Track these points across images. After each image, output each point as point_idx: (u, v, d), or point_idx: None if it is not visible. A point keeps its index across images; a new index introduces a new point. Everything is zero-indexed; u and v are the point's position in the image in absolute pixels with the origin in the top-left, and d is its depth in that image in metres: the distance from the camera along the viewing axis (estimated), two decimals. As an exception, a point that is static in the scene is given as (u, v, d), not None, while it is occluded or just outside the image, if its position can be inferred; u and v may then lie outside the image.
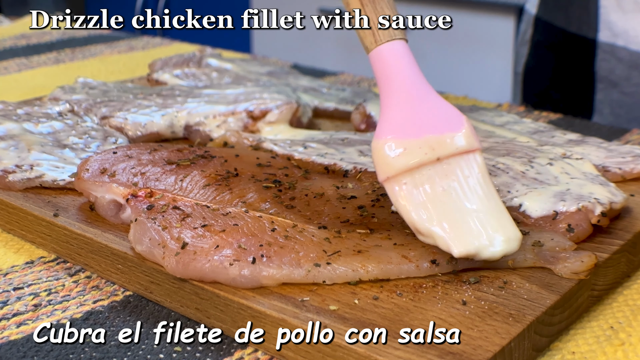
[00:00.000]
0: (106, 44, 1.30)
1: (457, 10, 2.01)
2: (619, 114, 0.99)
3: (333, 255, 0.53)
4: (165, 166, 0.64)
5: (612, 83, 0.98)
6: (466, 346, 0.46)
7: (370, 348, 0.46)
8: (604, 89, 0.99)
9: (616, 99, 0.98)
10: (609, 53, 0.97)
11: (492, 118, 0.79)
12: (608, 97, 0.99)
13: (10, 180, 0.67)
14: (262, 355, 0.50)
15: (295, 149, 0.72)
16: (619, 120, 0.99)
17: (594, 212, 0.58)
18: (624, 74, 0.96)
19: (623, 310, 0.54)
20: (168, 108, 0.82)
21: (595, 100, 1.00)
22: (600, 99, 1.00)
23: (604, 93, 0.99)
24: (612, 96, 0.99)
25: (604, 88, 0.99)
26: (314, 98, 0.89)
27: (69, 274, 0.60)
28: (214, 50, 1.11)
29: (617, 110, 0.98)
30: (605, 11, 0.95)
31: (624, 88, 0.97)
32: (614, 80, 0.98)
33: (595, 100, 1.00)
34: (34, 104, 0.83)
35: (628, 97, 0.97)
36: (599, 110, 1.01)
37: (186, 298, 0.53)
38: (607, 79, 0.98)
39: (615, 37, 0.96)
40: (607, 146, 0.73)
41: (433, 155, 0.52)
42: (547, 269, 0.54)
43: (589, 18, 0.97)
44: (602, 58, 0.98)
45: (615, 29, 0.95)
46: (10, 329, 0.53)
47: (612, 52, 0.97)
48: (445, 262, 0.53)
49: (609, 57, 0.97)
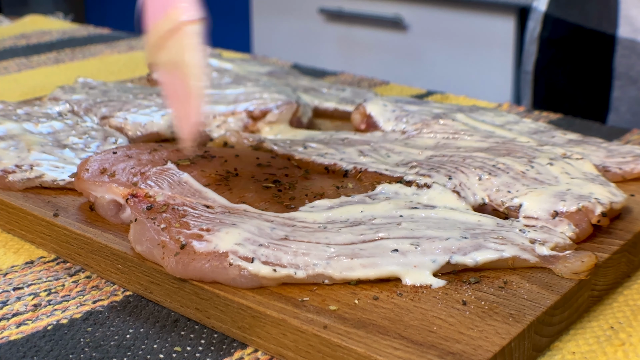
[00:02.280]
0: (106, 44, 1.30)
1: (457, 10, 2.01)
2: (636, 112, 0.98)
3: (333, 256, 0.53)
4: (165, 166, 0.64)
5: (632, 80, 0.97)
6: (466, 346, 0.46)
7: (370, 348, 0.46)
8: (622, 86, 0.98)
9: (634, 96, 0.98)
10: (629, 49, 0.96)
11: (492, 118, 0.79)
12: (626, 94, 0.98)
13: (10, 180, 0.67)
14: (262, 355, 0.50)
15: (295, 149, 0.72)
16: (636, 118, 0.98)
17: (594, 212, 0.58)
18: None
19: (623, 311, 0.54)
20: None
21: (612, 98, 1.00)
22: (617, 96, 0.99)
23: (621, 90, 0.98)
24: (630, 93, 0.98)
25: (622, 85, 0.98)
26: (314, 98, 0.89)
27: (68, 274, 0.60)
28: (214, 50, 1.11)
29: (635, 108, 0.98)
30: (626, 6, 0.95)
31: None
32: (633, 76, 0.97)
33: (612, 98, 1.00)
34: (34, 104, 0.83)
35: None
36: (616, 108, 1.00)
37: (186, 298, 0.53)
38: (626, 76, 0.97)
39: (636, 33, 0.95)
40: (607, 146, 0.73)
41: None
42: (547, 269, 0.54)
43: (609, 13, 0.97)
44: (621, 54, 0.97)
45: (637, 24, 0.94)
46: (10, 329, 0.53)
47: (632, 47, 0.96)
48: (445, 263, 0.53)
49: (629, 53, 0.96)
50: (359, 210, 0.59)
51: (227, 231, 0.54)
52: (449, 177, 0.64)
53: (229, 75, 0.95)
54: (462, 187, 0.63)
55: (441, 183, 0.63)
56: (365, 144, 0.73)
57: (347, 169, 0.67)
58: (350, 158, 0.69)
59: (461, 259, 0.53)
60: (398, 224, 0.56)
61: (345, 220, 0.58)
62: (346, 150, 0.71)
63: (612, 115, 1.00)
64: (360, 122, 0.81)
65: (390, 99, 0.83)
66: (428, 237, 0.55)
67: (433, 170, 0.65)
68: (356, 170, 0.67)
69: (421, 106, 0.81)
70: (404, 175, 0.65)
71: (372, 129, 0.79)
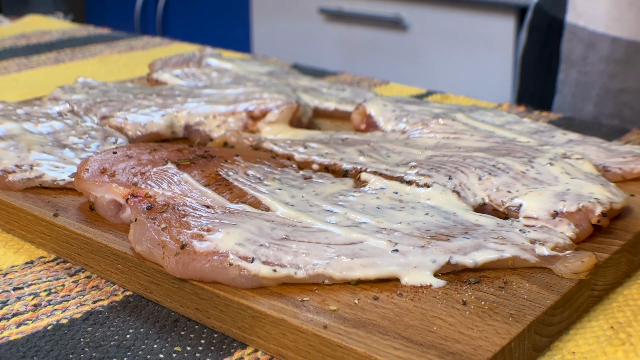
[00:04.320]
0: (106, 43, 1.30)
1: (457, 10, 2.01)
2: (575, 93, 1.01)
3: (333, 256, 0.53)
4: (165, 166, 0.64)
5: (572, 63, 1.00)
6: (466, 346, 0.46)
7: (370, 348, 0.46)
8: (565, 69, 1.01)
9: (574, 79, 1.00)
10: (573, 33, 0.99)
11: (492, 118, 0.79)
12: (568, 77, 1.01)
13: (10, 180, 0.67)
14: (262, 355, 0.50)
15: (295, 149, 0.72)
16: (575, 100, 1.01)
17: (594, 212, 0.58)
18: (582, 53, 0.98)
19: (623, 310, 0.54)
20: (168, 108, 0.82)
21: (557, 81, 1.03)
22: (562, 79, 1.02)
23: (565, 73, 1.01)
24: (571, 76, 1.01)
25: (565, 68, 1.01)
26: (314, 98, 0.89)
27: (68, 274, 0.60)
28: (214, 50, 1.11)
29: (574, 90, 1.00)
30: None
31: (581, 67, 0.99)
32: (574, 59, 1.00)
33: (557, 81, 1.03)
34: (34, 104, 0.83)
35: (584, 77, 0.99)
36: (560, 90, 1.03)
37: (186, 298, 0.53)
38: (568, 59, 1.01)
39: (578, 17, 0.98)
40: (607, 146, 0.73)
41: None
42: (547, 269, 0.54)
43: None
44: (567, 38, 1.01)
45: (579, 9, 0.97)
46: (10, 329, 0.53)
47: (575, 32, 0.99)
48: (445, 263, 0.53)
49: (572, 37, 1.00)
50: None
51: (227, 231, 0.54)
52: (449, 177, 0.64)
53: (229, 75, 0.95)
54: (462, 187, 0.63)
55: (441, 183, 0.63)
56: (365, 144, 0.73)
57: (347, 169, 0.67)
58: (350, 158, 0.69)
59: (461, 259, 0.53)
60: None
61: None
62: (346, 150, 0.71)
63: (557, 97, 1.04)
64: (360, 122, 0.81)
65: (390, 99, 0.83)
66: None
67: (433, 170, 0.65)
68: (356, 170, 0.67)
69: (421, 106, 0.81)
70: (404, 175, 0.65)
71: (372, 129, 0.79)
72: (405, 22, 2.10)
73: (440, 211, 0.59)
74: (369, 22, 2.17)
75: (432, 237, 0.55)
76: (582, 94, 1.00)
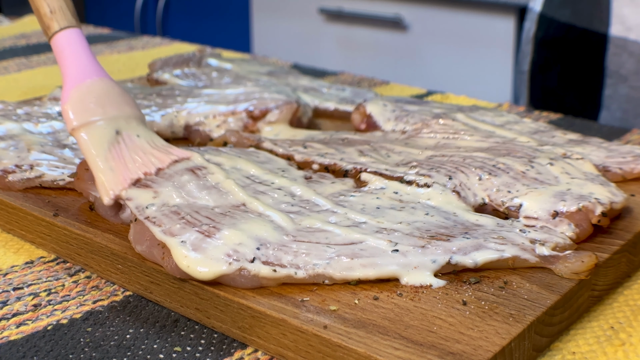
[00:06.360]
0: (106, 43, 1.30)
1: (457, 10, 2.01)
2: (626, 109, 0.99)
3: (333, 256, 0.53)
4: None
5: (622, 78, 0.98)
6: (466, 346, 0.46)
7: (370, 348, 0.46)
8: (613, 84, 0.99)
9: (624, 94, 0.98)
10: (621, 47, 0.97)
11: (492, 118, 0.79)
12: (617, 92, 0.99)
13: (10, 180, 0.66)
14: (262, 355, 0.50)
15: (295, 149, 0.72)
16: (627, 116, 0.99)
17: (594, 212, 0.58)
18: (634, 67, 0.97)
19: (623, 311, 0.54)
20: (168, 108, 0.82)
21: (604, 96, 1.01)
22: (608, 95, 1.00)
23: (612, 88, 0.99)
24: (621, 91, 0.99)
25: (613, 83, 0.99)
26: (314, 98, 0.89)
27: (68, 274, 0.60)
28: (214, 50, 1.11)
29: (625, 106, 0.99)
30: (618, 5, 0.96)
31: (633, 82, 0.97)
32: (623, 74, 0.98)
33: (604, 96, 1.01)
34: (33, 104, 0.83)
35: (636, 92, 0.97)
36: (607, 106, 1.01)
37: (186, 298, 0.53)
38: (617, 74, 0.98)
39: (628, 31, 0.96)
40: (607, 146, 0.73)
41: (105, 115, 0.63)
42: (547, 269, 0.54)
43: (600, 12, 0.98)
44: (613, 52, 0.98)
45: (628, 23, 0.95)
46: (10, 329, 0.53)
47: (624, 46, 0.97)
48: (446, 263, 0.53)
49: (621, 52, 0.97)
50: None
51: (227, 231, 0.54)
52: (449, 177, 0.64)
53: (229, 75, 0.95)
54: (462, 187, 0.63)
55: (441, 183, 0.63)
56: (365, 144, 0.73)
57: (347, 169, 0.67)
58: (350, 158, 0.69)
59: (461, 259, 0.53)
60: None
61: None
62: (346, 150, 0.71)
63: (604, 113, 1.01)
64: (360, 122, 0.81)
65: (390, 99, 0.83)
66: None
67: (433, 170, 0.65)
68: (356, 170, 0.67)
69: (421, 106, 0.81)
70: (404, 175, 0.65)
71: (372, 129, 0.79)
72: (405, 22, 2.10)
73: (441, 211, 0.59)
74: (369, 22, 2.17)
75: (432, 237, 0.55)
76: (634, 110, 0.99)
